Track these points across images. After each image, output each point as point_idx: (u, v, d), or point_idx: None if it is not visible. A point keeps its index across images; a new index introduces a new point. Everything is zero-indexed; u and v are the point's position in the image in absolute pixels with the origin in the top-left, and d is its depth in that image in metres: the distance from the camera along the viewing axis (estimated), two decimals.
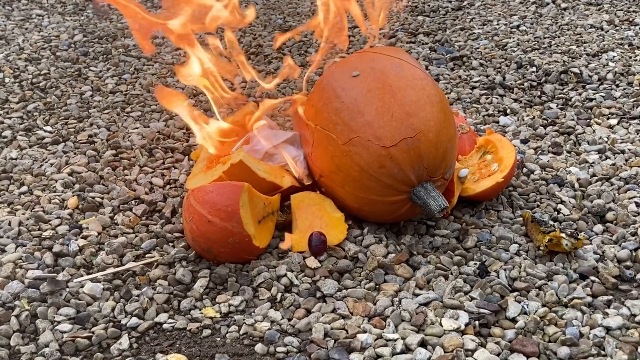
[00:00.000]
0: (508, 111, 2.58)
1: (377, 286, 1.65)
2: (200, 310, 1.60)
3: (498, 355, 1.44)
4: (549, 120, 2.49)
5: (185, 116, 2.00)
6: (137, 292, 1.64)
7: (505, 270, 1.68)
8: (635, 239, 1.81)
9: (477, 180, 1.95)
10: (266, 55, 3.12)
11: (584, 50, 3.09)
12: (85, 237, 1.83)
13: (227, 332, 1.53)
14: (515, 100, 2.67)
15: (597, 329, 1.50)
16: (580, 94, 2.68)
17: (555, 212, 1.94)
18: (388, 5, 2.11)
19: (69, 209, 1.97)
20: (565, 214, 1.93)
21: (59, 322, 1.55)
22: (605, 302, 1.59)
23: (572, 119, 2.48)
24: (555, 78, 2.80)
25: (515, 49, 3.15)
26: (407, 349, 1.46)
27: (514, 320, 1.54)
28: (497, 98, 2.68)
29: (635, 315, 1.54)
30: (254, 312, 1.59)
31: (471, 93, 2.74)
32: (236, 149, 1.99)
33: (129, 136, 2.40)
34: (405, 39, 3.34)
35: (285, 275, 1.67)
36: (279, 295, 1.63)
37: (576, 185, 2.07)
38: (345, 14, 2.09)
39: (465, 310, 1.55)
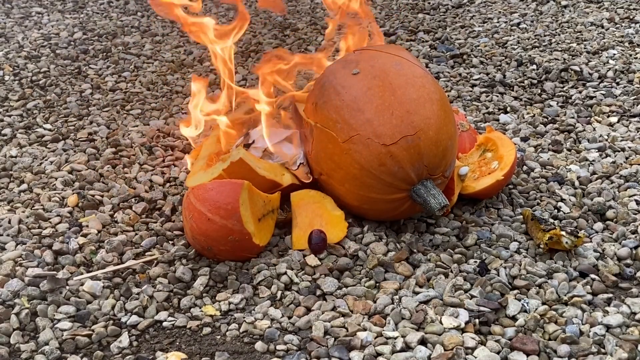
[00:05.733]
0: (508, 109, 2.57)
1: (377, 284, 1.65)
2: (200, 308, 1.60)
3: (498, 353, 1.43)
4: (549, 118, 2.49)
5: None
6: (137, 290, 1.64)
7: (505, 268, 1.68)
8: (636, 237, 1.81)
9: (477, 178, 1.95)
10: (266, 53, 3.11)
11: (584, 48, 3.09)
12: (85, 235, 1.83)
13: (227, 330, 1.53)
14: (516, 98, 2.67)
15: (597, 327, 1.50)
16: (580, 92, 2.67)
17: (556, 210, 1.94)
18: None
19: (68, 207, 1.97)
20: (566, 212, 1.93)
21: (59, 320, 1.55)
22: (606, 300, 1.59)
23: (573, 117, 2.48)
24: (555, 76, 2.80)
25: (516, 47, 3.15)
26: (407, 347, 1.46)
27: (514, 318, 1.54)
28: (498, 96, 2.68)
29: (635, 313, 1.54)
30: (254, 310, 1.59)
31: (471, 91, 2.73)
32: (236, 146, 1.99)
33: (129, 134, 2.39)
34: (406, 37, 3.34)
35: (285, 273, 1.67)
36: (279, 293, 1.63)
37: (576, 183, 2.07)
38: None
39: (465, 308, 1.55)
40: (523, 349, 1.44)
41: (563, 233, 1.71)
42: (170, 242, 1.83)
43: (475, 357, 1.43)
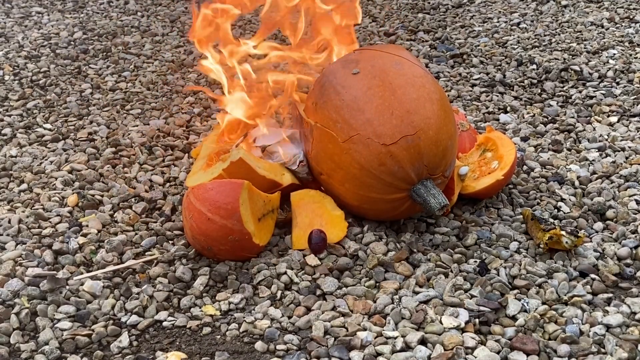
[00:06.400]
0: (508, 109, 2.57)
1: (377, 284, 1.65)
2: (200, 308, 1.60)
3: (498, 353, 1.43)
4: (549, 118, 2.49)
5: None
6: (137, 289, 1.64)
7: (505, 268, 1.68)
8: (636, 236, 1.81)
9: (477, 177, 1.95)
10: None
11: (585, 48, 3.09)
12: (85, 235, 1.83)
13: (227, 330, 1.53)
14: (516, 97, 2.67)
15: (597, 326, 1.50)
16: (580, 92, 2.67)
17: (556, 210, 1.94)
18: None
19: (68, 206, 1.97)
20: (566, 212, 1.93)
21: (59, 320, 1.55)
22: (605, 299, 1.59)
23: (573, 117, 2.48)
24: (555, 75, 2.80)
25: (516, 47, 3.15)
26: (407, 347, 1.46)
27: (514, 318, 1.54)
28: (498, 95, 2.68)
29: (635, 313, 1.54)
30: (254, 309, 1.59)
31: (471, 90, 2.73)
32: (236, 146, 1.99)
33: (129, 134, 2.39)
34: (406, 37, 3.34)
35: (285, 273, 1.67)
36: (279, 293, 1.63)
37: (576, 183, 2.07)
38: None
39: (465, 308, 1.55)
40: (523, 349, 1.44)
41: (563, 233, 1.71)
42: (170, 241, 1.83)
43: (475, 357, 1.43)
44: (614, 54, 2.99)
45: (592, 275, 1.66)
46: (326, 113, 1.77)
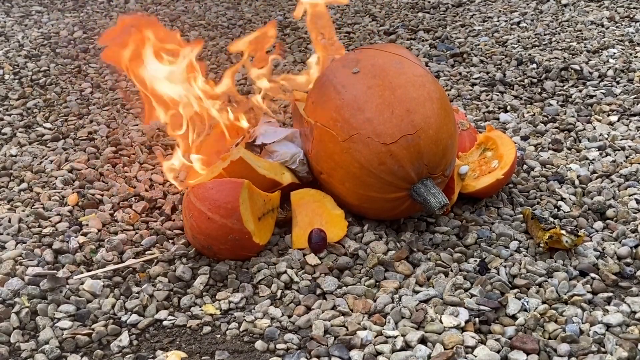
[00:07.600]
0: (508, 108, 2.57)
1: (377, 283, 1.65)
2: (200, 307, 1.60)
3: (498, 352, 1.43)
4: (549, 117, 2.49)
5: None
6: (137, 289, 1.64)
7: (505, 267, 1.68)
8: (636, 236, 1.81)
9: (478, 177, 1.95)
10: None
11: (585, 47, 3.09)
12: (85, 234, 1.83)
13: (227, 329, 1.53)
14: (516, 97, 2.67)
15: (597, 325, 1.50)
16: (580, 91, 2.67)
17: (556, 209, 1.94)
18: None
19: (68, 205, 1.97)
20: (566, 211, 1.93)
21: (59, 319, 1.55)
22: (605, 299, 1.59)
23: (573, 116, 2.48)
24: (555, 75, 2.80)
25: (516, 46, 3.15)
26: (407, 346, 1.46)
27: (514, 317, 1.54)
28: (498, 95, 2.68)
29: (635, 312, 1.54)
30: (254, 309, 1.59)
31: (471, 90, 2.73)
32: (236, 145, 1.99)
33: (129, 133, 2.39)
34: (406, 36, 3.34)
35: (285, 272, 1.67)
36: (279, 292, 1.63)
37: (576, 182, 2.07)
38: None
39: (465, 307, 1.55)
40: (523, 348, 1.44)
41: (563, 232, 1.71)
42: (171, 241, 1.83)
43: (475, 356, 1.43)
44: (614, 53, 2.99)
45: (592, 275, 1.66)
46: (326, 112, 1.77)
